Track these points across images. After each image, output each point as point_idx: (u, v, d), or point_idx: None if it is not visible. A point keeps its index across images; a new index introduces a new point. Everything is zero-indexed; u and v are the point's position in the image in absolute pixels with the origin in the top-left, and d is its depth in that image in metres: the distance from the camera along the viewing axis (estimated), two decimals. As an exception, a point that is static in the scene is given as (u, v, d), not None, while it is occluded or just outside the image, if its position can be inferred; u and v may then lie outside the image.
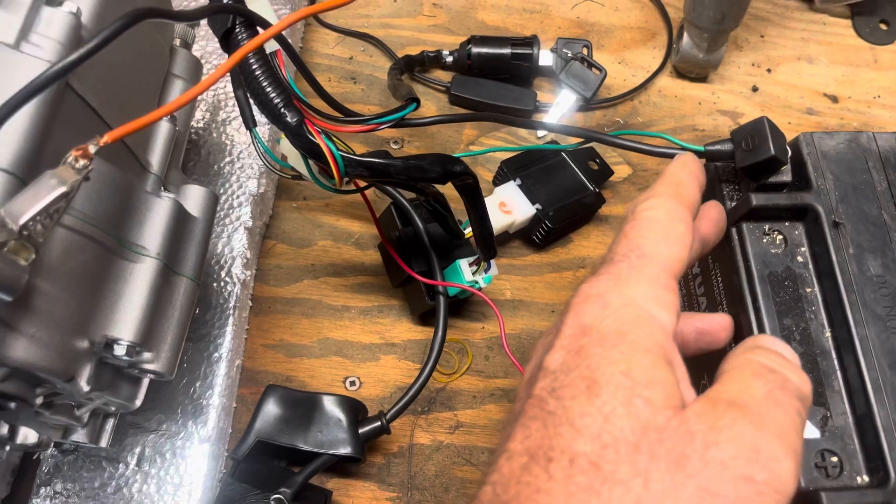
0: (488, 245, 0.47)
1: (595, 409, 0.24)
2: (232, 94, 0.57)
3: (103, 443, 0.42)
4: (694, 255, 0.33)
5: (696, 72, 0.64)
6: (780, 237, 0.38)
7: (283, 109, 0.39)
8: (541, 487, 0.23)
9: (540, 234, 0.55)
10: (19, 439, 0.35)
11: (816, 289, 0.37)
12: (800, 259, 0.37)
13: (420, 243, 0.51)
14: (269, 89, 0.39)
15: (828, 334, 0.36)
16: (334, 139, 0.40)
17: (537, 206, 0.54)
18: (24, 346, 0.32)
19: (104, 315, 0.36)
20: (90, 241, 0.35)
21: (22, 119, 0.32)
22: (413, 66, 0.62)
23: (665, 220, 0.29)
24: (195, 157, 0.54)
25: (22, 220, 0.28)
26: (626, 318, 0.26)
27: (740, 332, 0.38)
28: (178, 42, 0.48)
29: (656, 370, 0.25)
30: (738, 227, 0.38)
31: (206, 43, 0.57)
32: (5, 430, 0.33)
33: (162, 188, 0.43)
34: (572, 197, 0.55)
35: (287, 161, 0.44)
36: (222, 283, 0.50)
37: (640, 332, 0.25)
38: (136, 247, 0.38)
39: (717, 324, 0.34)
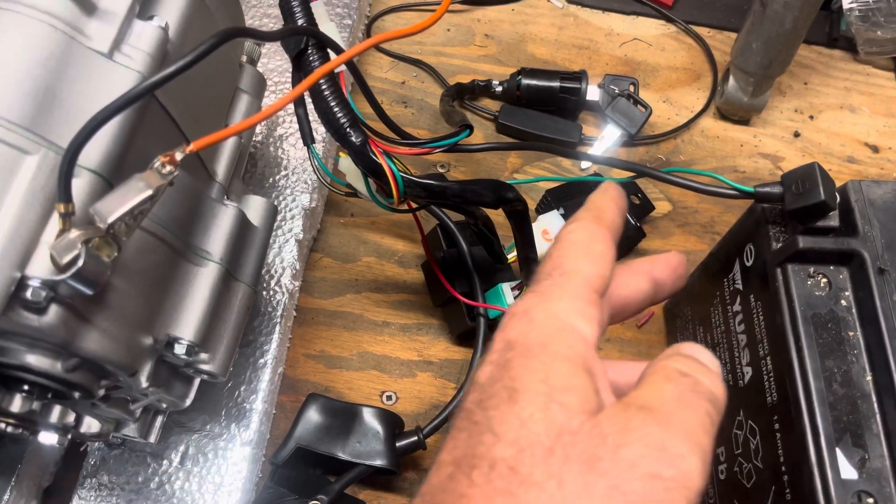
0: (532, 270, 0.49)
1: (514, 416, 0.25)
2: (289, 111, 0.60)
3: (152, 438, 0.44)
4: (644, 298, 0.34)
5: (739, 114, 0.65)
6: (824, 280, 0.39)
7: (348, 129, 0.40)
8: (463, 493, 0.24)
9: (580, 264, 0.56)
10: (83, 428, 0.36)
11: (859, 333, 0.37)
12: (843, 303, 0.38)
13: (463, 265, 0.52)
14: (336, 109, 0.41)
15: (868, 378, 0.37)
16: (395, 160, 0.41)
17: (579, 236, 0.55)
18: (97, 339, 0.34)
19: (168, 315, 0.38)
20: (161, 243, 0.37)
21: (111, 125, 0.33)
22: (463, 94, 0.64)
23: (585, 241, 0.30)
24: (251, 169, 0.56)
25: (110, 219, 0.30)
26: (548, 330, 0.27)
27: (781, 372, 0.38)
28: (244, 58, 0.51)
29: (574, 377, 0.26)
30: (784, 267, 0.39)
31: (267, 60, 0.60)
32: (72, 418, 0.35)
33: (225, 197, 0.45)
34: (613, 229, 0.57)
35: (345, 179, 0.46)
36: (272, 292, 0.52)
37: (561, 342, 0.27)
38: (202, 251, 0.40)
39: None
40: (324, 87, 0.41)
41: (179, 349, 0.38)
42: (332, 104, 0.41)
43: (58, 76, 0.33)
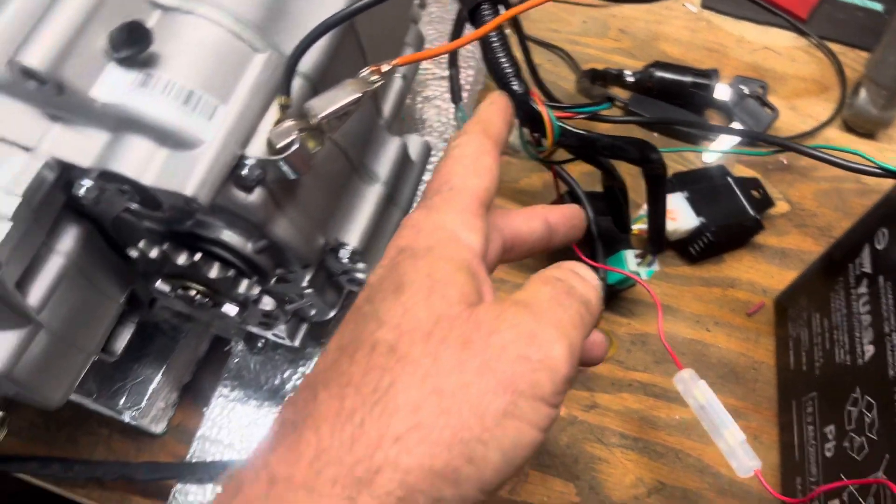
0: (659, 239, 0.51)
1: (399, 305, 0.27)
2: (437, 76, 0.64)
3: (297, 342, 0.48)
4: (538, 238, 0.37)
5: (866, 127, 0.66)
6: (960, 263, 0.40)
7: (512, 78, 0.44)
8: (344, 372, 0.26)
9: (698, 247, 0.58)
10: (261, 304, 0.40)
11: None
12: (978, 285, 0.39)
13: (588, 232, 0.55)
14: (502, 60, 0.44)
15: None
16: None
17: (701, 219, 0.57)
18: (286, 226, 0.38)
19: (338, 221, 0.42)
20: (342, 155, 0.41)
21: (323, 38, 0.38)
22: (596, 79, 0.67)
23: (472, 155, 0.33)
24: (397, 124, 0.60)
25: (322, 115, 0.34)
26: (434, 237, 0.29)
27: (908, 345, 0.40)
28: (408, 18, 0.55)
29: (456, 274, 0.28)
30: (920, 247, 0.40)
31: (420, 26, 0.64)
32: (256, 292, 0.39)
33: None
34: (733, 218, 0.59)
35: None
36: (407, 234, 0.56)
37: (446, 247, 0.29)
38: (371, 171, 0.44)
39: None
40: (493, 38, 0.44)
41: (344, 253, 0.42)
42: (500, 55, 0.44)
43: (285, -10, 0.37)
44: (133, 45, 0.33)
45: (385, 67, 0.36)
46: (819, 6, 0.73)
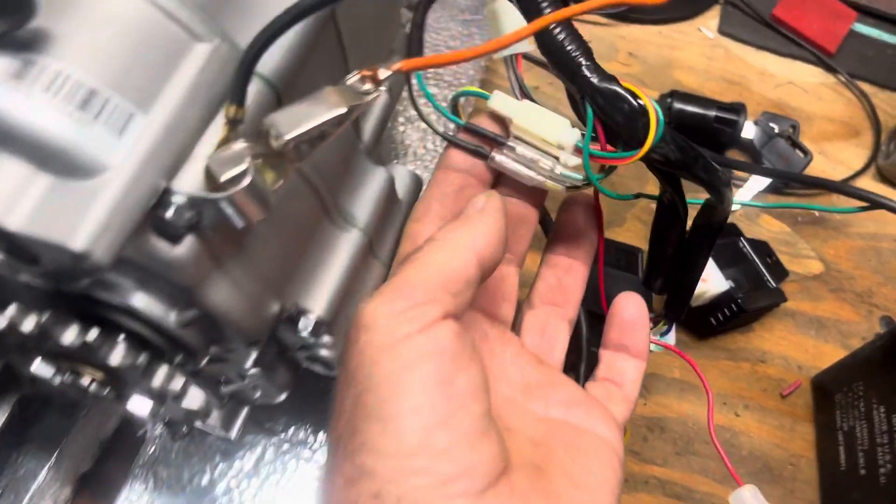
0: (682, 302, 0.41)
1: None
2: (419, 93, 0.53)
3: (233, 433, 0.36)
4: None
5: (904, 179, 0.59)
6: None
7: (586, 61, 0.33)
8: None
9: (724, 315, 0.49)
10: (185, 401, 0.29)
11: None
12: None
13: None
14: (569, 46, 0.33)
15: None
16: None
17: (730, 283, 0.48)
18: (226, 291, 0.27)
19: (301, 280, 0.31)
20: (311, 191, 0.30)
21: (292, 33, 0.27)
22: (604, 108, 0.58)
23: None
24: (377, 150, 0.49)
25: (289, 136, 0.24)
26: None
27: None
28: (399, 20, 0.45)
29: None
30: None
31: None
32: (180, 385, 0.27)
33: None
34: (757, 286, 0.49)
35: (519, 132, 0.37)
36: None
37: None
38: (347, 213, 0.33)
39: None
40: (555, 28, 0.33)
41: (304, 324, 0.31)
42: (563, 37, 0.33)
43: (242, -40, 0.26)
44: (5, 16, 0.21)
45: (383, 73, 0.26)
46: (846, 40, 0.65)
